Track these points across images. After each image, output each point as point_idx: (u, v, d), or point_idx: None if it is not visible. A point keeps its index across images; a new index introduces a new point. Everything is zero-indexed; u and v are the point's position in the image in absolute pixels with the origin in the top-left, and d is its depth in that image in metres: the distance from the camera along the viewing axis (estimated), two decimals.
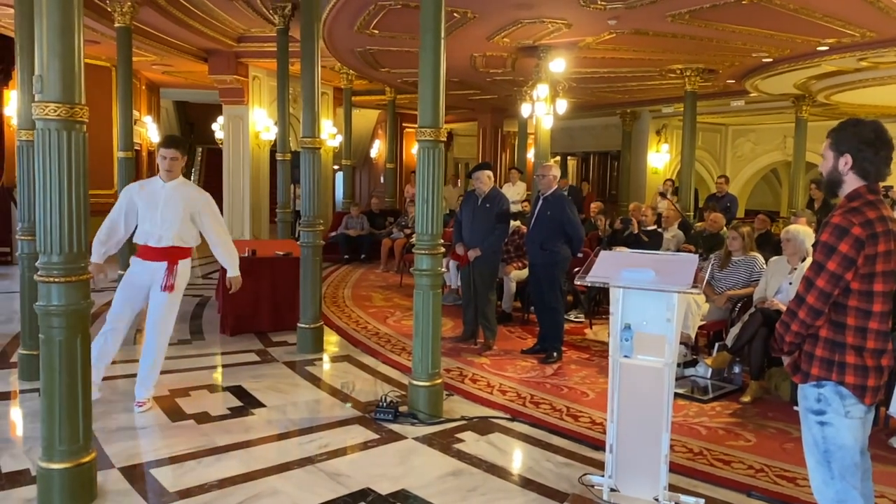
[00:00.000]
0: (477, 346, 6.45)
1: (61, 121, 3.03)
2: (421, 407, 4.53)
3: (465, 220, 6.44)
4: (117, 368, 5.63)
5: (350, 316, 7.82)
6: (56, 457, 3.18)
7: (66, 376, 3.16)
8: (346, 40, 8.98)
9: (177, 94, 19.20)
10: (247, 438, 4.19)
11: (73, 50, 3.03)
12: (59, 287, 3.10)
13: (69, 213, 3.09)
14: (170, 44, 11.24)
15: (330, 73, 13.33)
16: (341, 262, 12.01)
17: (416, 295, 4.52)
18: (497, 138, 18.73)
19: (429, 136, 4.31)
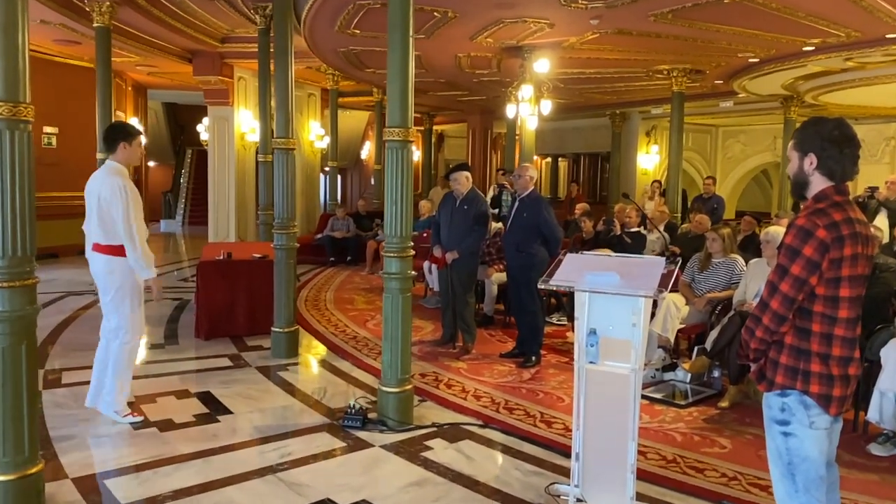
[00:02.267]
0: (455, 350, 6.35)
1: (4, 120, 2.91)
2: (390, 414, 4.42)
3: (443, 222, 6.34)
4: (85, 374, 5.53)
5: (330, 319, 7.71)
6: (0, 468, 3.06)
7: (10, 385, 3.04)
8: (327, 40, 8.87)
9: (165, 95, 19.10)
10: (209, 447, 4.08)
11: (17, 47, 2.92)
12: (3, 292, 2.99)
13: (13, 216, 2.98)
14: (152, 44, 11.13)
15: (316, 73, 13.25)
16: (327, 264, 11.91)
17: (385, 299, 4.41)
18: (487, 140, 18.66)
19: (397, 137, 4.22)
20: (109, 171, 4.27)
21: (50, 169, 12.19)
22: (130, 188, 4.23)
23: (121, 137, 4.33)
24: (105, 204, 4.17)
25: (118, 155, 4.32)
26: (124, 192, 4.16)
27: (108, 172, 4.27)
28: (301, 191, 14.71)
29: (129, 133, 4.38)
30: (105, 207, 4.18)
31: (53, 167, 12.24)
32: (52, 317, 7.48)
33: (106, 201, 4.17)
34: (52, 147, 12.41)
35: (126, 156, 4.34)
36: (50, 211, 12.04)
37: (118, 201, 4.13)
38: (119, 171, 4.28)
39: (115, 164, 4.30)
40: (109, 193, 4.16)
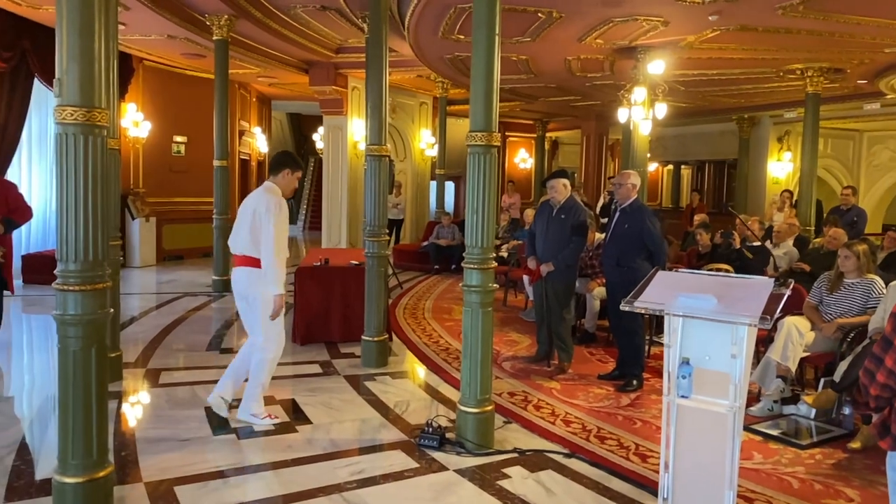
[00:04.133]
0: (550, 369, 5.99)
1: (79, 125, 2.95)
2: (469, 435, 4.16)
3: (539, 232, 6.01)
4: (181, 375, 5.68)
5: (425, 329, 7.56)
6: (70, 471, 3.10)
7: (80, 388, 3.07)
8: (432, 47, 8.79)
9: (288, 106, 19.95)
10: (282, 458, 4.00)
11: (92, 53, 2.95)
12: (75, 296, 3.03)
13: (86, 221, 3.00)
14: (270, 55, 11.56)
15: (427, 82, 13.29)
16: (431, 272, 11.85)
17: (464, 313, 4.17)
18: (602, 146, 17.99)
19: (480, 141, 3.97)
20: (267, 190, 4.51)
21: (179, 176, 12.99)
22: (283, 206, 4.43)
23: (287, 165, 4.58)
24: (258, 218, 4.37)
25: (279, 179, 4.56)
26: (278, 210, 4.36)
27: (267, 191, 4.50)
28: (411, 198, 14.83)
29: (296, 164, 4.64)
30: (258, 222, 4.37)
31: (182, 174, 13.02)
32: (164, 317, 7.85)
33: (259, 216, 4.37)
34: (182, 155, 13.17)
35: (286, 182, 4.57)
36: (178, 215, 12.83)
37: (270, 217, 4.33)
38: (276, 192, 4.50)
39: (274, 186, 4.54)
40: (265, 209, 4.36)
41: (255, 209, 4.40)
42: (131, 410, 4.80)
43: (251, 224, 4.39)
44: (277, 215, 4.34)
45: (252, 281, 4.42)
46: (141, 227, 11.90)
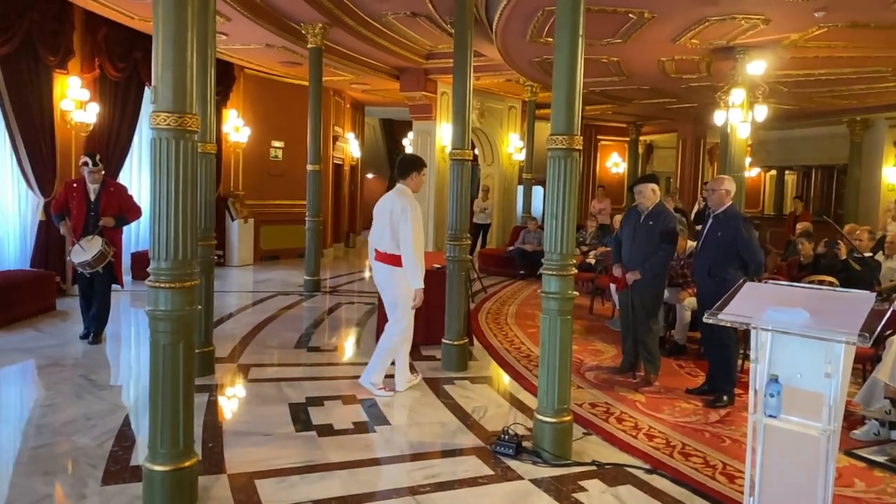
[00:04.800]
0: (635, 381, 5.80)
1: (172, 130, 3.10)
2: (545, 445, 4.08)
3: (625, 239, 5.84)
4: (269, 372, 5.88)
5: (507, 335, 7.50)
6: (158, 459, 3.26)
7: (168, 381, 3.23)
8: (520, 50, 8.73)
9: (381, 112, 20.35)
10: (358, 458, 4.06)
11: (185, 62, 3.09)
12: (166, 292, 3.18)
13: (177, 221, 3.15)
14: (363, 62, 11.84)
15: (516, 86, 13.23)
16: (516, 277, 11.76)
17: (542, 320, 4.09)
18: (699, 150, 17.31)
19: (561, 145, 3.89)
20: (401, 193, 5.09)
21: (275, 179, 13.52)
22: (416, 207, 4.98)
23: (415, 167, 5.17)
24: (396, 220, 4.96)
25: (409, 182, 5.16)
26: (413, 211, 4.93)
27: (400, 194, 5.09)
28: (498, 203, 14.79)
29: (420, 164, 5.22)
30: (395, 223, 4.97)
31: (279, 178, 13.54)
32: (258, 315, 8.16)
33: (396, 217, 4.95)
34: (279, 160, 13.70)
35: (416, 183, 5.18)
36: (275, 217, 13.35)
37: (407, 217, 4.91)
38: (408, 193, 5.10)
39: (405, 188, 5.14)
40: (400, 210, 4.94)
41: (392, 210, 4.98)
42: (220, 404, 5.00)
43: (389, 225, 4.99)
44: (412, 215, 4.89)
45: (391, 275, 5.10)
46: (240, 229, 12.45)
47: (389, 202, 5.08)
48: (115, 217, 6.35)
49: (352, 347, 7.00)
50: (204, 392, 5.08)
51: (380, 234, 5.12)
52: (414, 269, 4.92)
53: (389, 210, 5.01)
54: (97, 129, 9.05)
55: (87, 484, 3.57)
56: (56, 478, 3.66)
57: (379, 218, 5.13)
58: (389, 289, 5.19)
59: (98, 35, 8.90)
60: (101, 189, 6.35)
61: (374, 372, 5.23)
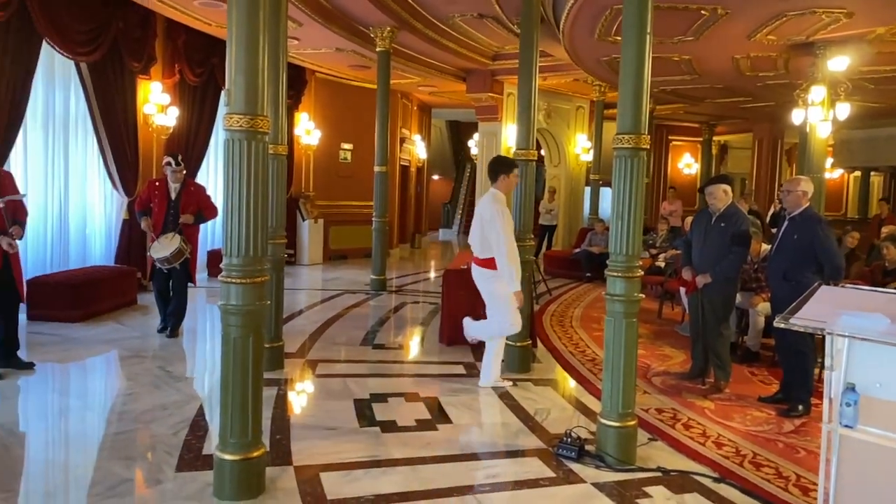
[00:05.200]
0: (705, 387, 5.63)
1: (244, 131, 3.22)
2: (609, 449, 4.02)
3: (696, 241, 5.68)
4: (336, 367, 6.01)
5: (571, 338, 7.42)
6: (228, 448, 3.38)
7: (238, 373, 3.35)
8: (588, 49, 8.62)
9: (448, 113, 20.51)
10: (420, 455, 4.10)
11: (256, 66, 3.20)
12: (237, 288, 3.30)
13: (248, 219, 3.27)
14: (430, 65, 11.94)
15: (584, 85, 13.07)
16: (582, 279, 11.61)
17: (606, 323, 4.03)
18: (776, 151, 16.66)
19: (628, 144, 3.82)
20: (492, 198, 5.17)
21: (344, 181, 13.81)
22: (504, 213, 5.05)
23: (501, 170, 5.23)
24: (486, 224, 5.08)
25: (498, 184, 5.23)
26: (501, 217, 5.01)
27: (491, 199, 5.16)
28: (564, 204, 14.64)
29: (506, 166, 5.27)
30: (486, 229, 5.08)
31: (347, 179, 13.82)
32: (326, 312, 8.36)
33: (487, 223, 5.07)
34: (348, 162, 13.98)
35: (505, 185, 5.23)
36: (343, 218, 13.63)
37: (495, 224, 5.01)
38: (498, 198, 5.16)
39: (496, 192, 5.21)
40: (489, 217, 5.05)
41: (482, 216, 5.12)
42: (288, 398, 5.14)
43: (480, 230, 5.14)
44: (501, 221, 4.97)
45: (486, 278, 5.24)
46: (310, 228, 12.77)
47: (482, 207, 5.20)
48: (194, 214, 6.63)
49: (416, 346, 7.08)
50: (273, 386, 5.24)
51: (474, 238, 5.28)
52: (509, 273, 5.02)
53: (481, 215, 5.15)
54: (176, 131, 9.46)
55: (162, 470, 3.73)
56: (135, 463, 3.85)
57: (474, 222, 5.29)
58: (483, 290, 5.35)
59: (178, 42, 9.31)
60: (181, 188, 6.64)
61: (489, 372, 5.39)
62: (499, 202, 5.12)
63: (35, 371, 5.45)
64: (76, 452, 4.07)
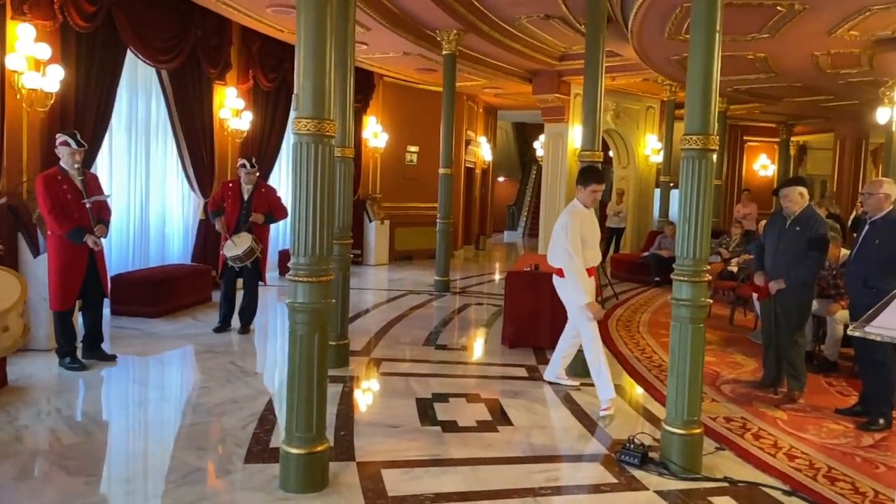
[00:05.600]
0: (777, 396, 5.43)
1: (311, 135, 3.32)
2: (673, 457, 3.93)
3: (769, 245, 5.48)
4: (399, 366, 6.09)
5: (638, 343, 7.28)
6: (293, 442, 3.49)
7: (304, 369, 3.45)
8: (657, 48, 8.45)
9: (514, 115, 20.47)
10: (481, 455, 4.11)
11: (324, 70, 3.29)
12: (303, 286, 3.41)
13: (314, 220, 3.37)
14: (496, 67, 11.96)
15: (654, 85, 12.82)
16: (650, 284, 11.37)
17: (672, 328, 3.95)
18: (860, 152, 15.86)
19: (695, 145, 3.73)
20: (568, 209, 5.15)
21: (410, 183, 13.98)
22: (570, 226, 4.95)
23: (579, 181, 5.16)
24: (556, 234, 5.10)
25: (579, 195, 5.15)
26: (566, 230, 4.96)
27: (567, 210, 5.16)
28: (633, 206, 14.38)
29: (584, 178, 5.14)
30: (556, 238, 5.10)
31: (413, 181, 13.99)
32: (391, 312, 8.48)
33: (557, 233, 5.09)
34: (413, 164, 14.15)
35: (584, 197, 5.11)
36: (408, 220, 13.80)
37: (565, 235, 4.98)
38: (573, 210, 5.08)
39: (574, 203, 5.16)
40: (560, 228, 5.06)
41: (556, 225, 5.13)
42: (352, 395, 5.24)
43: (554, 238, 5.13)
44: (567, 233, 4.92)
45: (558, 285, 5.25)
46: (376, 229, 12.99)
47: (560, 216, 5.20)
48: (264, 215, 6.86)
49: (478, 347, 7.09)
50: (338, 383, 5.36)
51: (550, 245, 5.26)
52: (574, 285, 4.97)
53: (557, 224, 5.15)
54: (250, 135, 9.79)
55: (232, 461, 3.88)
56: (206, 453, 4.01)
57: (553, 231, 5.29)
58: (563, 298, 5.29)
59: (252, 48, 9.64)
60: (253, 190, 6.88)
61: (603, 389, 5.02)
62: (571, 215, 5.03)
63: (117, 363, 5.75)
64: (154, 441, 4.28)
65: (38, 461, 3.85)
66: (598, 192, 5.07)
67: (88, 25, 6.68)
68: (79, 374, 5.40)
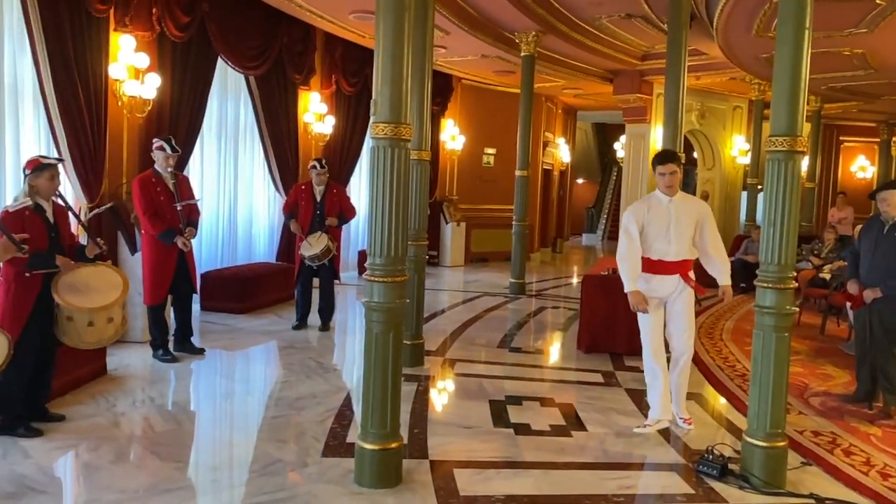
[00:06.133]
0: (871, 412, 5.14)
1: (388, 139, 3.40)
2: (755, 470, 3.79)
3: (864, 252, 5.20)
4: (473, 367, 6.13)
5: (720, 351, 7.05)
6: (368, 438, 3.57)
7: (379, 367, 3.53)
8: (745, 46, 8.14)
9: (593, 116, 20.17)
10: (553, 460, 4.09)
11: (401, 76, 3.37)
12: (379, 286, 3.49)
13: (390, 222, 3.44)
14: (575, 67, 11.83)
15: (741, 84, 12.37)
16: (736, 290, 10.90)
17: (755, 336, 3.82)
18: None
19: (782, 147, 3.59)
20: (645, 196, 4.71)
21: (487, 185, 14.02)
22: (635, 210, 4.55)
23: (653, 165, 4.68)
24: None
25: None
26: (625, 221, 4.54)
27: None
28: (718, 209, 13.91)
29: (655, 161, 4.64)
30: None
31: (490, 183, 14.02)
32: (466, 313, 8.54)
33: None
34: (490, 166, 14.17)
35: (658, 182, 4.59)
36: (485, 221, 13.84)
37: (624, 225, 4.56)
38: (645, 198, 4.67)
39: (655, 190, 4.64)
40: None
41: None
42: (427, 394, 5.31)
43: None
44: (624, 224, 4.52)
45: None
46: (453, 231, 13.09)
47: None
48: (337, 216, 7.07)
49: (553, 351, 7.05)
50: (413, 381, 5.44)
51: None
52: (622, 272, 4.51)
53: None
54: (332, 138, 10.07)
55: (309, 454, 4.01)
56: (286, 446, 4.17)
57: None
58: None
59: (335, 54, 9.91)
60: (325, 191, 7.09)
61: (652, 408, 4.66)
62: (641, 200, 4.66)
63: (205, 356, 6.05)
64: (238, 432, 4.49)
65: (133, 446, 4.10)
66: (665, 176, 4.46)
67: (183, 35, 7.04)
68: (170, 366, 5.70)
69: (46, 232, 4.11)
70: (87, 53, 5.94)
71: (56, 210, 4.24)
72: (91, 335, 4.14)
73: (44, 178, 4.10)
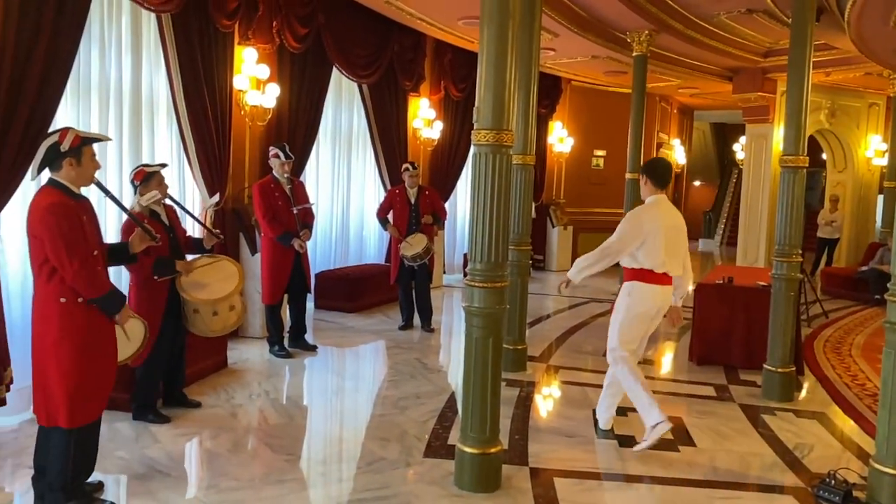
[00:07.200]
0: None
1: (490, 145, 3.42)
2: (883, 500, 3.50)
3: None
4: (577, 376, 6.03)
5: (849, 368, 6.54)
6: (468, 441, 3.61)
7: (479, 371, 3.56)
8: (880, 39, 7.50)
9: (712, 116, 19.31)
10: (659, 475, 3.96)
11: (504, 82, 3.38)
12: (479, 291, 3.52)
13: (491, 227, 3.47)
14: (691, 66, 11.36)
15: (877, 79, 11.45)
16: (870, 302, 10.12)
17: (885, 354, 3.54)
18: None
19: None
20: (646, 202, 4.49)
21: (596, 188, 13.75)
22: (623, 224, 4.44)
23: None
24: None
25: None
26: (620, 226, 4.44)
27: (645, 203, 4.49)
28: (850, 214, 12.96)
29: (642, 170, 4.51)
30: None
31: (599, 186, 13.74)
32: (571, 319, 8.42)
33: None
34: (600, 169, 13.88)
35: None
36: (593, 225, 13.57)
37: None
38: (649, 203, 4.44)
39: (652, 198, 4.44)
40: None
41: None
42: (529, 400, 5.28)
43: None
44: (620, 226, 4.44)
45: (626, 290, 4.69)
46: (559, 235, 12.92)
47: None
48: (431, 215, 7.21)
49: (664, 362, 6.81)
50: (515, 387, 5.43)
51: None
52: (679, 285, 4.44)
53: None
54: (440, 143, 10.22)
55: (411, 454, 4.10)
56: (389, 444, 4.27)
57: None
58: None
59: (444, 60, 10.06)
60: (418, 193, 7.25)
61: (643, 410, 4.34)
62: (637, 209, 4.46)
63: (318, 353, 6.31)
64: (347, 428, 4.66)
65: (249, 437, 4.35)
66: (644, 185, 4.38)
67: (300, 46, 7.39)
68: (285, 362, 6.00)
69: (166, 235, 4.35)
70: (214, 67, 6.36)
71: (168, 212, 4.53)
72: (216, 323, 4.47)
73: (153, 184, 4.35)
